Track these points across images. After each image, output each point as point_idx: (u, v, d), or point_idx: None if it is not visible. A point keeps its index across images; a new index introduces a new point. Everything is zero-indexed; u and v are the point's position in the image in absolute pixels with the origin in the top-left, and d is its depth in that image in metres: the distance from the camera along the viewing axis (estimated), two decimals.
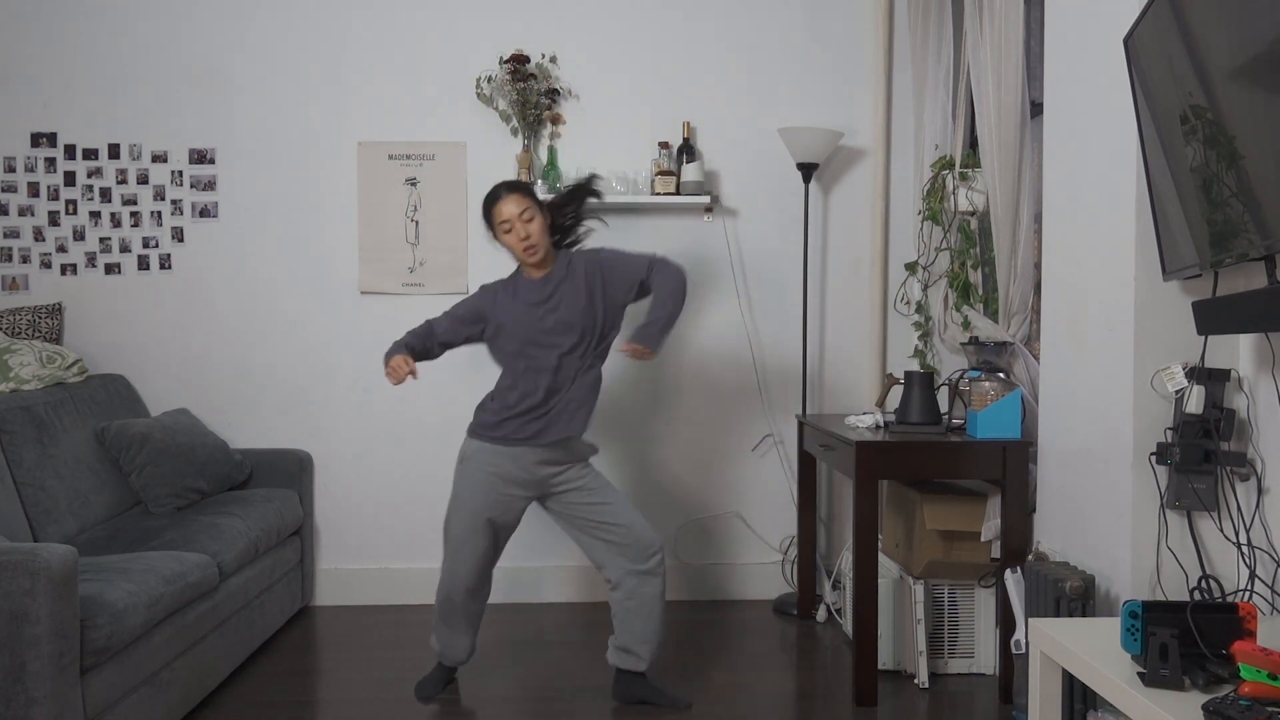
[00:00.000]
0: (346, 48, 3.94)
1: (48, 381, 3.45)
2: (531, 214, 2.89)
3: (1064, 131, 2.64)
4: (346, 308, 3.98)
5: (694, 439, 4.05)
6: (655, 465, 4.04)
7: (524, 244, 2.87)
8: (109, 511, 3.35)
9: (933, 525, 3.06)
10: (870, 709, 2.92)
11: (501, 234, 2.91)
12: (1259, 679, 1.45)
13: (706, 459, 4.05)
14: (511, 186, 2.94)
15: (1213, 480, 2.14)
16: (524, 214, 2.87)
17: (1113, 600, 2.34)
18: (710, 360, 4.03)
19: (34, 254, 3.93)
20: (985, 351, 3.31)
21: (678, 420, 4.03)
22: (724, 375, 4.04)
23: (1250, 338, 2.13)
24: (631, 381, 4.01)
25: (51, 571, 2.16)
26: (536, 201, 2.94)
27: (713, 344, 4.03)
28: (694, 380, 4.02)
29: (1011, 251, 3.13)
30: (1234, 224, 1.78)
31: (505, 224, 2.88)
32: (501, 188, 2.93)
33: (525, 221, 2.87)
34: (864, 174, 4.03)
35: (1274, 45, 1.58)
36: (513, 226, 2.87)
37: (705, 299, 4.02)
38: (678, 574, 4.00)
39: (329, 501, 4.00)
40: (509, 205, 2.88)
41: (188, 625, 2.79)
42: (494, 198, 2.91)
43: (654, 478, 4.04)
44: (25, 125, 3.91)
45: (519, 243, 2.88)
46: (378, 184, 3.95)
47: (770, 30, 3.99)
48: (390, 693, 3.07)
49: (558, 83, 3.92)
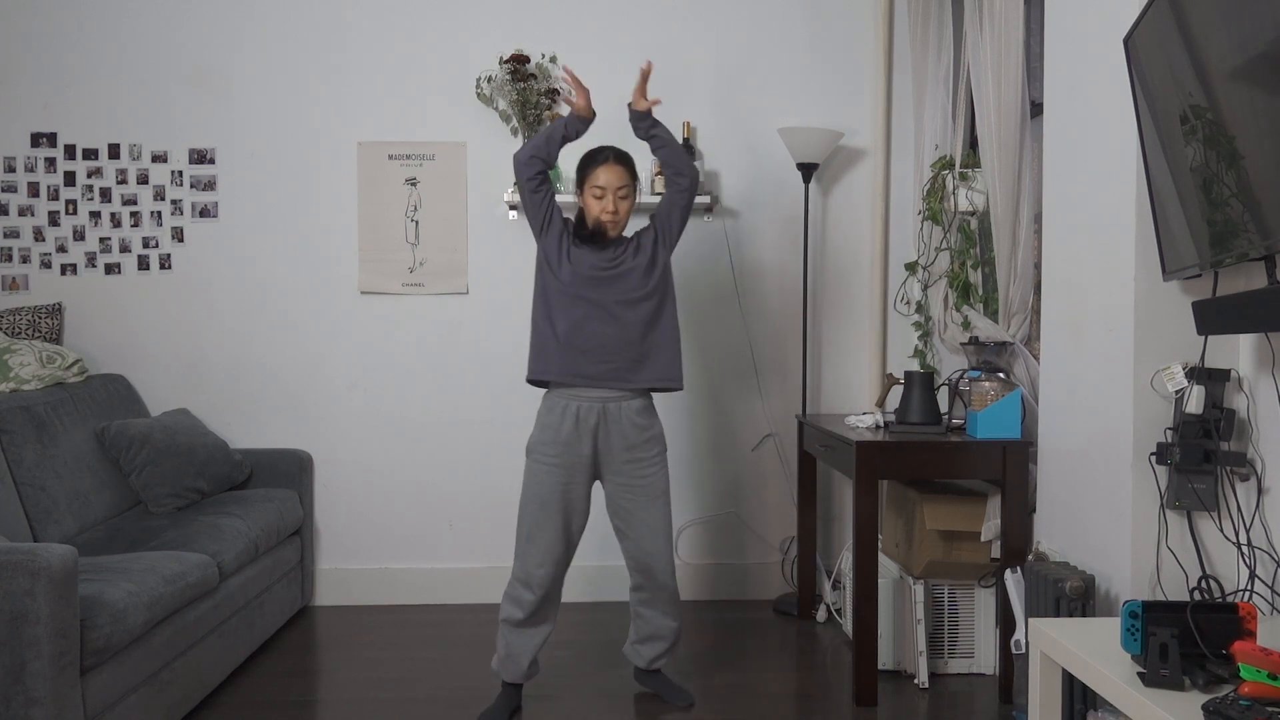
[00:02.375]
0: (346, 48, 3.94)
1: (48, 381, 3.45)
2: (628, 191, 2.84)
3: (1064, 131, 2.64)
4: (346, 308, 3.98)
5: (694, 439, 4.05)
6: None
7: (610, 216, 2.80)
8: (109, 511, 3.35)
9: (933, 525, 3.06)
10: (870, 709, 2.92)
11: (590, 196, 2.83)
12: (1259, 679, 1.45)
13: (706, 459, 4.05)
14: (620, 156, 2.85)
15: (1213, 480, 2.14)
16: (621, 190, 2.81)
17: (1113, 600, 2.34)
18: (710, 360, 4.03)
19: (34, 254, 3.93)
20: (985, 351, 3.31)
21: (678, 420, 4.03)
22: (724, 375, 4.04)
23: (1250, 338, 2.13)
24: None
25: (51, 571, 2.16)
26: (635, 180, 2.89)
27: (713, 344, 4.03)
28: (694, 380, 4.02)
29: (1011, 251, 3.13)
30: (1234, 224, 1.78)
31: (598, 190, 2.80)
32: (609, 153, 2.84)
33: (620, 198, 2.81)
34: (864, 174, 4.03)
35: (1274, 45, 1.58)
36: (605, 195, 2.80)
37: (705, 299, 4.02)
38: (678, 574, 3.99)
39: (329, 501, 4.00)
40: (610, 174, 2.81)
41: (188, 625, 2.79)
42: (599, 159, 2.83)
43: None
44: (25, 125, 3.91)
45: (604, 212, 2.81)
46: (378, 184, 3.95)
47: (770, 30, 3.99)
48: (390, 693, 3.07)
49: (558, 83, 3.92)
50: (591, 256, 2.83)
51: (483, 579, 3.97)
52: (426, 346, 4.00)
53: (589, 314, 2.79)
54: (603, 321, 2.79)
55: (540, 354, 2.84)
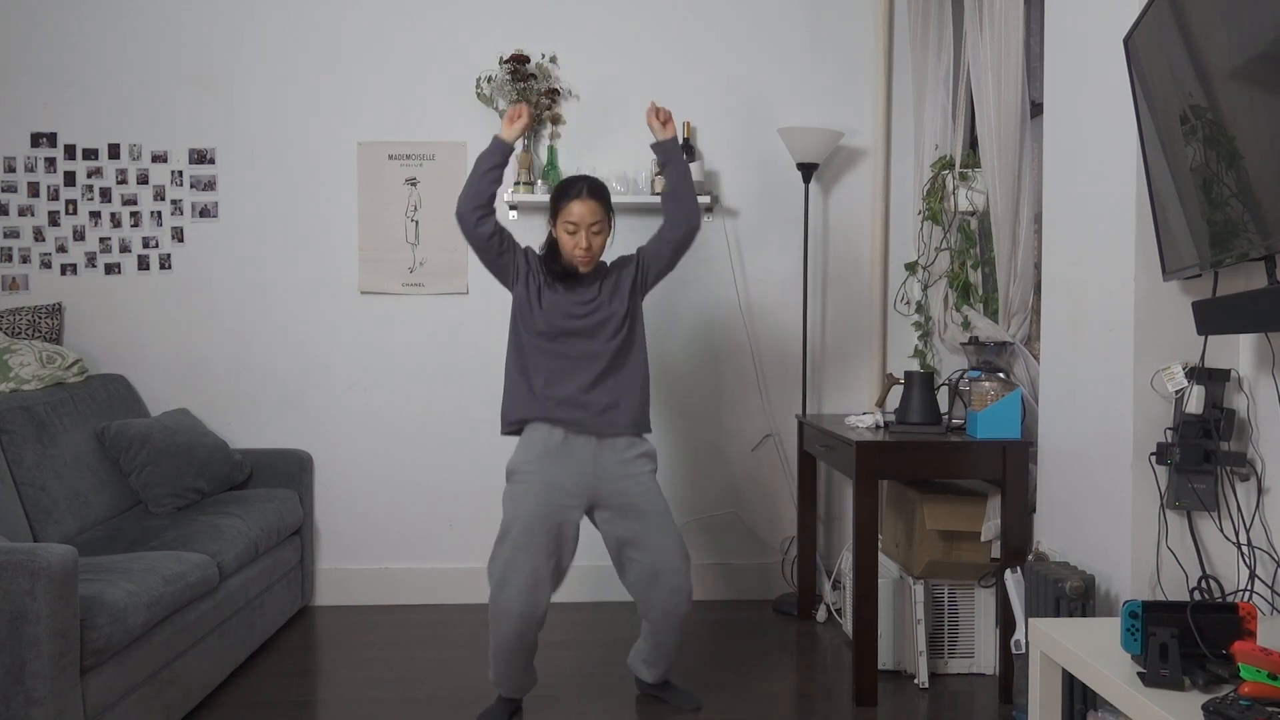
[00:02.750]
0: (346, 48, 3.94)
1: (48, 381, 3.45)
2: (601, 227, 2.74)
3: (1064, 131, 2.64)
4: (346, 308, 3.98)
5: (694, 439, 4.05)
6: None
7: (582, 253, 2.72)
8: (109, 511, 3.35)
9: (933, 525, 3.06)
10: (870, 709, 2.92)
11: (562, 230, 2.74)
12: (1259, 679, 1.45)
13: (706, 459, 4.05)
14: (594, 189, 2.74)
15: (1213, 480, 2.14)
16: (595, 225, 2.72)
17: (1113, 600, 2.34)
18: (710, 360, 4.03)
19: (34, 254, 3.93)
20: (985, 351, 3.31)
21: (678, 420, 4.03)
22: (724, 375, 4.04)
23: (1250, 338, 2.13)
24: None
25: (51, 571, 2.16)
26: (610, 213, 2.78)
27: (713, 344, 4.03)
28: (694, 380, 4.02)
29: (1011, 251, 3.13)
30: (1234, 224, 1.78)
31: (571, 225, 2.71)
32: (583, 185, 2.74)
33: (594, 233, 2.73)
34: (864, 174, 4.03)
35: (1274, 45, 1.58)
36: (578, 231, 2.71)
37: (705, 299, 4.02)
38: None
39: (329, 501, 4.00)
40: (583, 209, 2.71)
41: (188, 625, 2.79)
42: (571, 192, 2.73)
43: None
44: (25, 125, 3.91)
45: (577, 248, 2.72)
46: (378, 184, 3.95)
47: (770, 30, 3.99)
48: (390, 693, 3.07)
49: (558, 83, 3.92)
50: (566, 301, 2.76)
51: (482, 579, 3.96)
52: (426, 346, 4.00)
53: (564, 368, 2.74)
54: (579, 373, 2.74)
55: (515, 404, 2.77)
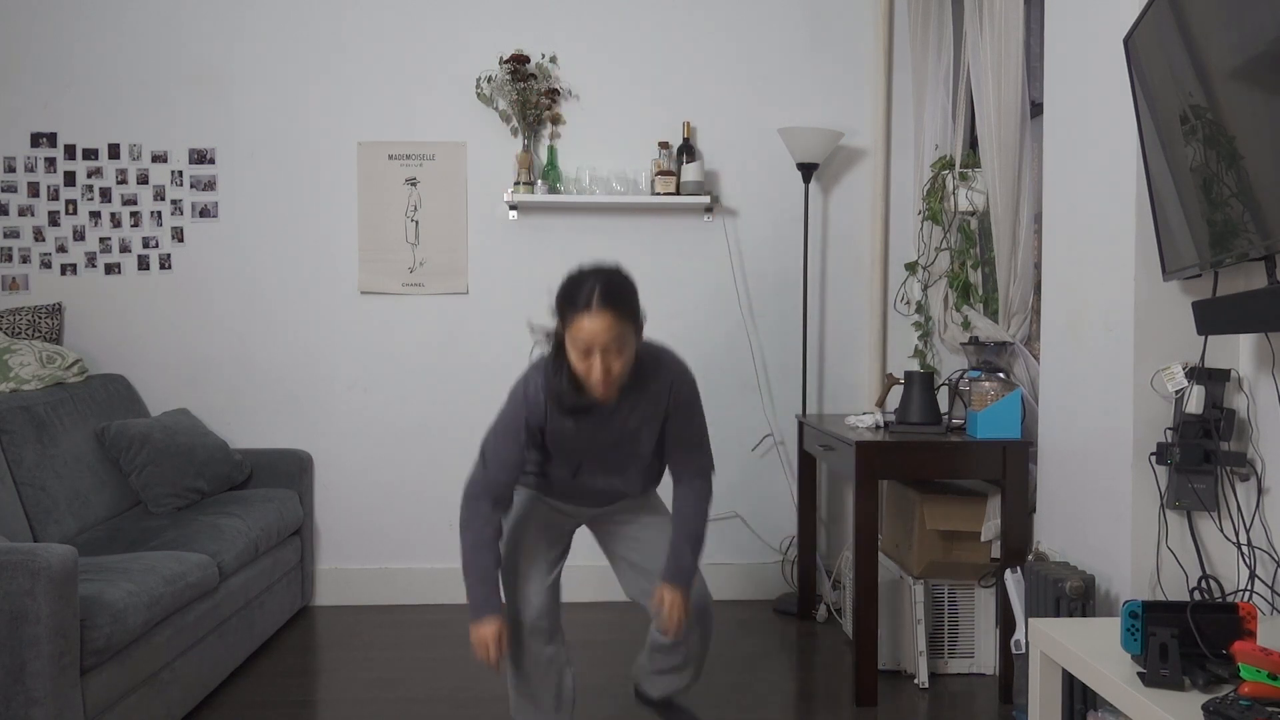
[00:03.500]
0: (346, 48, 3.94)
1: (48, 381, 3.45)
2: (624, 343, 2.04)
3: (1064, 131, 2.64)
4: (346, 308, 3.98)
5: None
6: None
7: (601, 380, 2.05)
8: (109, 511, 3.35)
9: (932, 525, 3.06)
10: (870, 709, 2.92)
11: (573, 345, 2.05)
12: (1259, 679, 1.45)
13: None
14: (608, 295, 2.01)
15: (1213, 480, 2.14)
16: (616, 340, 2.02)
17: (1113, 600, 2.34)
18: (710, 360, 4.03)
19: (34, 254, 3.93)
20: (985, 351, 3.31)
21: None
22: (724, 375, 4.03)
23: (1250, 338, 2.13)
24: None
25: (51, 571, 2.16)
26: (636, 322, 2.09)
27: (713, 344, 4.03)
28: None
29: (1011, 251, 3.13)
30: (1234, 224, 1.78)
31: (584, 343, 2.03)
32: (593, 290, 2.00)
33: (614, 355, 2.04)
34: (864, 174, 4.03)
35: (1274, 45, 1.58)
36: (592, 351, 2.03)
37: (705, 299, 4.02)
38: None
39: (329, 501, 4.00)
40: (598, 323, 2.00)
41: (188, 625, 2.79)
42: (580, 302, 2.02)
43: None
44: (25, 125, 3.91)
45: (594, 373, 2.04)
46: (378, 184, 3.95)
47: (770, 30, 3.99)
48: (390, 693, 3.07)
49: (558, 83, 3.92)
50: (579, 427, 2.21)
51: None
52: (426, 346, 4.00)
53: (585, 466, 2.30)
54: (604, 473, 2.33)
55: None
